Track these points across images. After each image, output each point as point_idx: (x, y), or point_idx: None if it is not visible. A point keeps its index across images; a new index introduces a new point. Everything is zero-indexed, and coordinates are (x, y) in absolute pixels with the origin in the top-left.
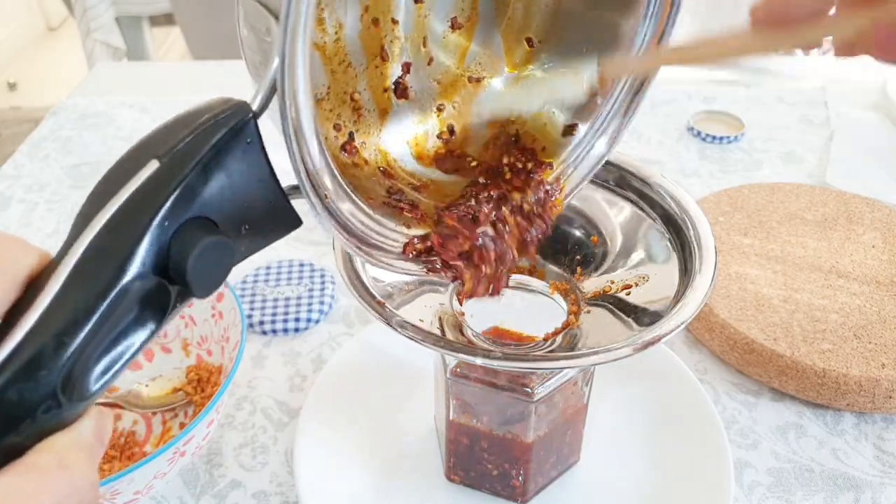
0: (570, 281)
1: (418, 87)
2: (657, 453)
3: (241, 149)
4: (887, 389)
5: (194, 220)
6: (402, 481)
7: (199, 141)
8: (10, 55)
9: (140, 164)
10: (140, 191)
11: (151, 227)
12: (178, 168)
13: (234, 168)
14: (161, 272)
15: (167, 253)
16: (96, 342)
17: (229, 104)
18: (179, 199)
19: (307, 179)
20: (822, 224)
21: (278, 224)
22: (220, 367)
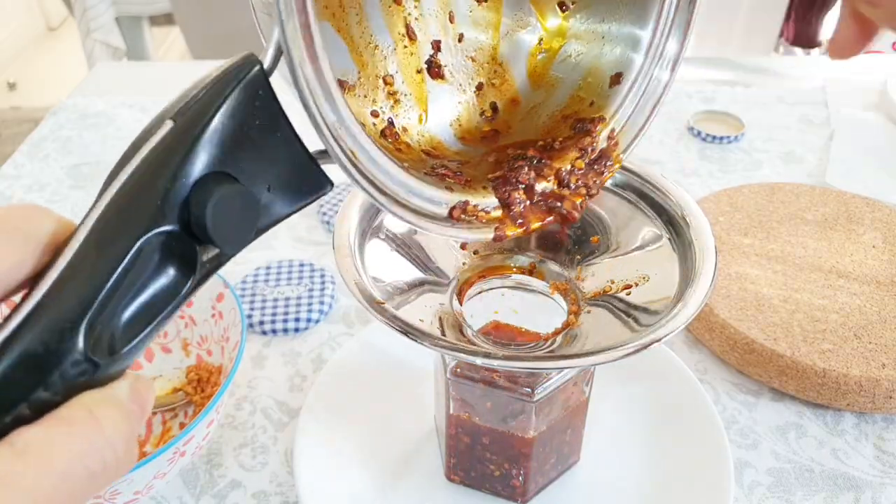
0: (570, 281)
1: (453, 65)
2: (657, 453)
3: (253, 101)
4: (888, 389)
5: (213, 174)
6: (402, 481)
7: (209, 97)
8: (10, 55)
9: (156, 127)
10: (154, 150)
11: (166, 183)
12: (191, 125)
13: (249, 122)
14: (184, 229)
15: (187, 207)
16: (119, 296)
17: (237, 59)
18: (194, 155)
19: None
20: (822, 224)
21: (306, 184)
22: (220, 367)
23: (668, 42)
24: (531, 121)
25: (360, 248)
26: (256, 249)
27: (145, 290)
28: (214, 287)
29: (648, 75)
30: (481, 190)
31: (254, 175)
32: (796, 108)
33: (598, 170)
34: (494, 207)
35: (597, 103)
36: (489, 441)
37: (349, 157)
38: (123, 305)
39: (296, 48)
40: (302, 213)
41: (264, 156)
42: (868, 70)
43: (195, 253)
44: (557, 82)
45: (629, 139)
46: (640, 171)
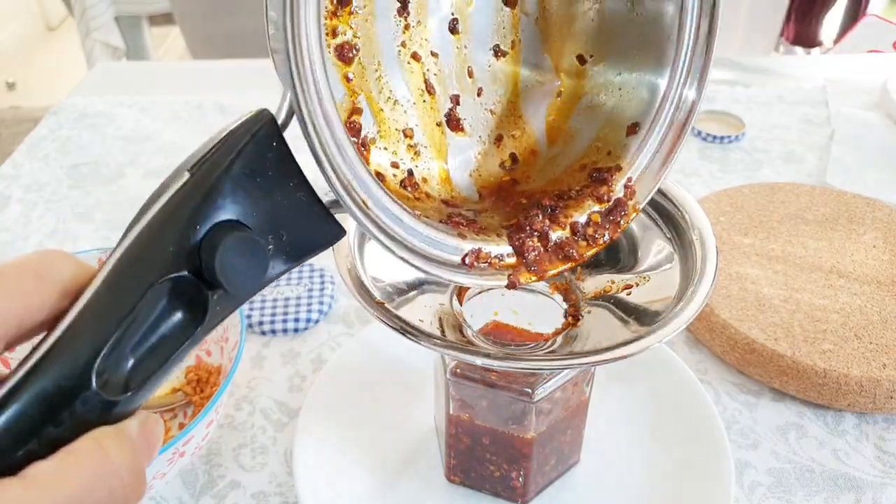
0: (570, 281)
1: (472, 118)
2: (657, 454)
3: (266, 154)
4: (888, 390)
5: (225, 223)
6: (402, 482)
7: (224, 151)
8: (9, 55)
9: (174, 179)
10: (171, 201)
11: (179, 231)
12: (206, 177)
13: (262, 174)
14: (195, 274)
15: (198, 254)
16: (129, 338)
17: (251, 113)
18: (208, 205)
19: (343, 190)
20: (822, 224)
21: (319, 232)
22: (219, 367)
23: (685, 89)
24: (549, 171)
25: (360, 248)
26: None
27: (156, 332)
28: None
29: (666, 122)
30: (495, 237)
31: (266, 224)
32: (797, 108)
33: (614, 220)
34: (508, 254)
35: (614, 153)
36: (489, 441)
37: (361, 207)
38: (134, 347)
39: (307, 107)
40: None
41: (277, 206)
42: (868, 70)
43: (206, 298)
44: (575, 133)
45: (646, 187)
46: None
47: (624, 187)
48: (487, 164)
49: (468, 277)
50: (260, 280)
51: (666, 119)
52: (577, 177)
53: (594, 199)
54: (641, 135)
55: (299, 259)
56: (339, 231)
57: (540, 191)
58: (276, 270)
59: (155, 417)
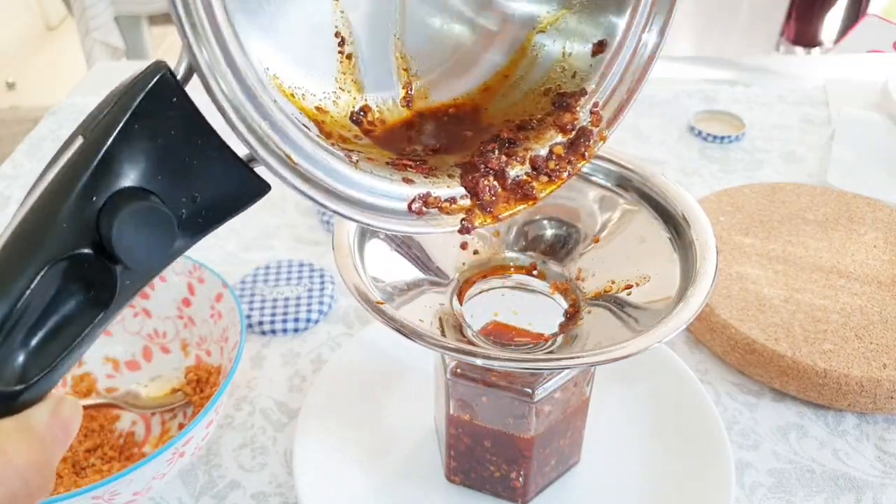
0: (570, 281)
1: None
2: (658, 454)
3: (166, 110)
4: (889, 390)
5: (126, 191)
6: (402, 482)
7: (117, 110)
8: (9, 55)
9: (68, 145)
10: (63, 169)
11: (74, 203)
12: (99, 140)
13: (164, 133)
14: (97, 250)
15: (97, 228)
16: (23, 325)
17: (145, 67)
18: (103, 171)
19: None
20: (823, 224)
21: (240, 190)
22: (219, 367)
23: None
24: (510, 96)
25: (360, 248)
26: (256, 249)
27: (55, 315)
28: (213, 287)
29: (636, 39)
30: (447, 178)
31: (176, 188)
32: (797, 108)
33: (578, 150)
34: (462, 196)
35: (579, 75)
36: (489, 442)
37: (283, 160)
38: (28, 335)
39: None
40: (302, 212)
41: (186, 166)
42: (869, 69)
43: (113, 275)
44: (538, 54)
45: (613, 112)
46: (641, 170)
47: (590, 113)
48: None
49: (417, 226)
50: (168, 250)
51: (635, 37)
52: (540, 103)
53: (557, 129)
54: (609, 54)
55: (220, 221)
56: (263, 186)
57: (500, 121)
58: (193, 235)
59: (71, 401)
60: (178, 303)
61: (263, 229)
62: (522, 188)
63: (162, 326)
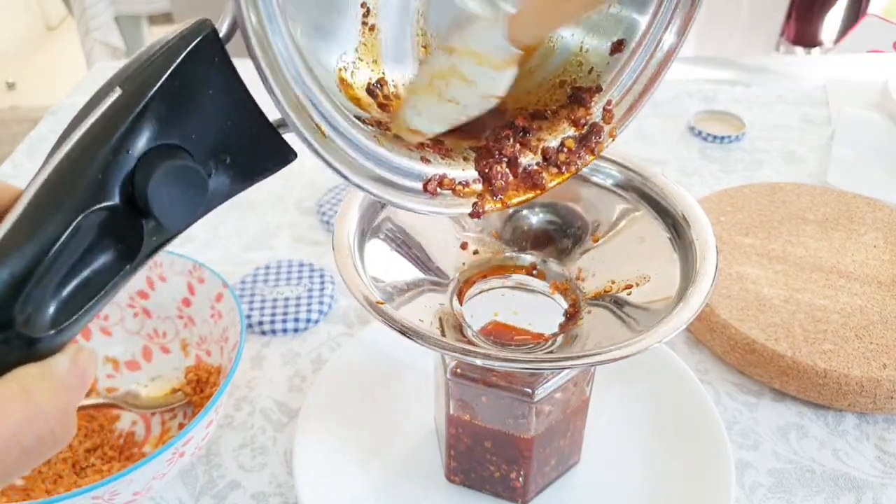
0: (570, 281)
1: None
2: (658, 454)
3: (207, 70)
4: (889, 390)
5: (162, 147)
6: (402, 482)
7: (159, 64)
8: (9, 55)
9: (106, 93)
10: (101, 119)
11: (110, 154)
12: (139, 93)
13: (202, 92)
14: (128, 203)
15: (131, 182)
16: (55, 272)
17: (189, 24)
18: (141, 125)
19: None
20: (823, 224)
21: (267, 155)
22: (219, 367)
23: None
24: (526, 83)
25: (360, 248)
26: (256, 249)
27: (85, 266)
28: (213, 287)
29: (655, 41)
30: (461, 161)
31: (207, 147)
32: (797, 108)
33: (588, 146)
34: (474, 180)
35: (595, 70)
36: (489, 442)
37: (312, 129)
38: (61, 283)
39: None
40: (302, 212)
41: (219, 126)
42: (869, 69)
43: (141, 229)
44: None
45: (625, 111)
46: (642, 170)
47: (603, 110)
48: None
49: (431, 205)
50: (198, 210)
51: (657, 36)
52: (555, 94)
53: (570, 123)
54: (626, 53)
55: (244, 183)
56: (290, 153)
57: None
58: (218, 197)
59: (87, 351)
60: (178, 303)
61: (263, 229)
62: (532, 177)
63: (162, 326)
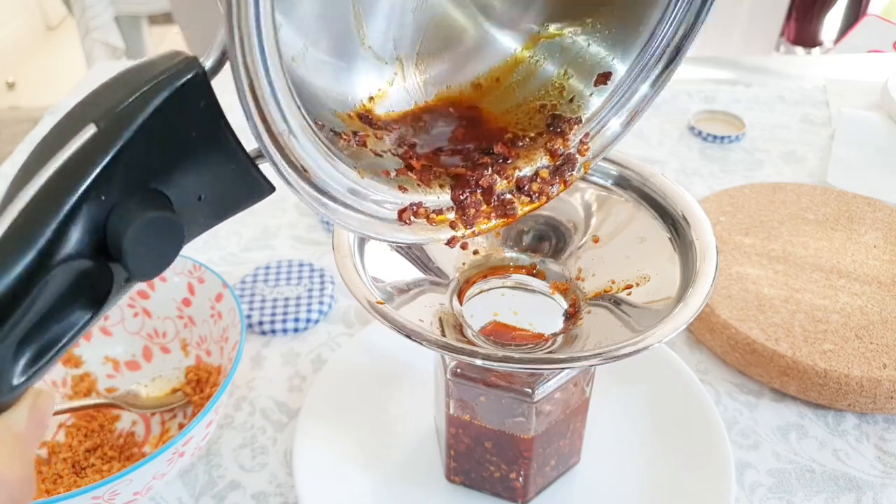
0: (570, 281)
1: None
2: (658, 454)
3: (190, 111)
4: (889, 390)
5: (138, 192)
6: (402, 483)
7: (139, 102)
8: (8, 55)
9: (77, 129)
10: (73, 159)
11: (83, 201)
12: (116, 134)
13: (184, 133)
14: (100, 250)
15: (104, 231)
16: (17, 333)
17: (175, 60)
18: (117, 169)
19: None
20: (823, 224)
21: (246, 191)
22: (219, 367)
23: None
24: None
25: (359, 248)
26: (256, 249)
27: (51, 318)
28: (213, 287)
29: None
30: (437, 189)
31: (184, 187)
32: (797, 108)
33: (561, 176)
34: (448, 208)
35: (576, 101)
36: (489, 442)
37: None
38: (25, 338)
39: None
40: (302, 212)
41: (199, 166)
42: (869, 69)
43: (110, 277)
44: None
45: (599, 147)
46: (641, 170)
47: (579, 142)
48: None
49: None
50: (171, 260)
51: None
52: (534, 118)
53: (546, 152)
54: (610, 88)
55: (219, 219)
56: (267, 187)
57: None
58: (191, 235)
59: (46, 394)
60: (178, 303)
61: (263, 229)
62: (505, 206)
63: (162, 326)
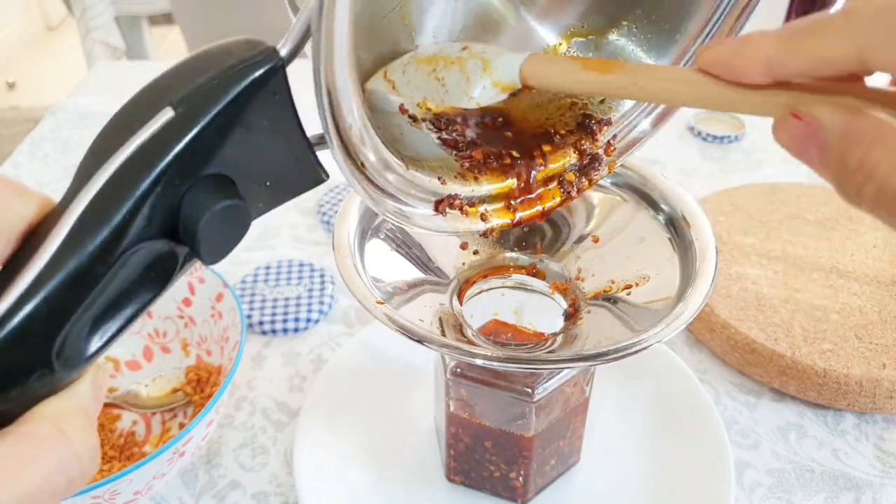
0: (570, 281)
1: None
2: (657, 454)
3: (265, 101)
4: (888, 390)
5: (209, 177)
6: (402, 482)
7: (218, 90)
8: (9, 55)
9: (153, 111)
10: (150, 142)
11: (160, 184)
12: (194, 119)
13: (256, 122)
14: (169, 233)
15: (177, 213)
16: (94, 307)
17: (255, 50)
18: (194, 154)
19: (339, 145)
20: (822, 224)
21: (301, 178)
22: (219, 367)
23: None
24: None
25: (360, 248)
26: (256, 249)
27: (122, 297)
28: (214, 287)
29: None
30: (472, 180)
31: (252, 175)
32: None
33: (587, 175)
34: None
35: (608, 102)
36: (489, 442)
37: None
38: (96, 315)
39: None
40: (302, 212)
41: (267, 155)
42: None
43: (176, 259)
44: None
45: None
46: (641, 170)
47: (607, 143)
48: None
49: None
50: (234, 245)
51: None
52: (565, 115)
53: (575, 150)
54: None
55: (277, 203)
56: (323, 173)
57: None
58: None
59: (102, 368)
60: (178, 303)
61: (264, 229)
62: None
63: (162, 326)
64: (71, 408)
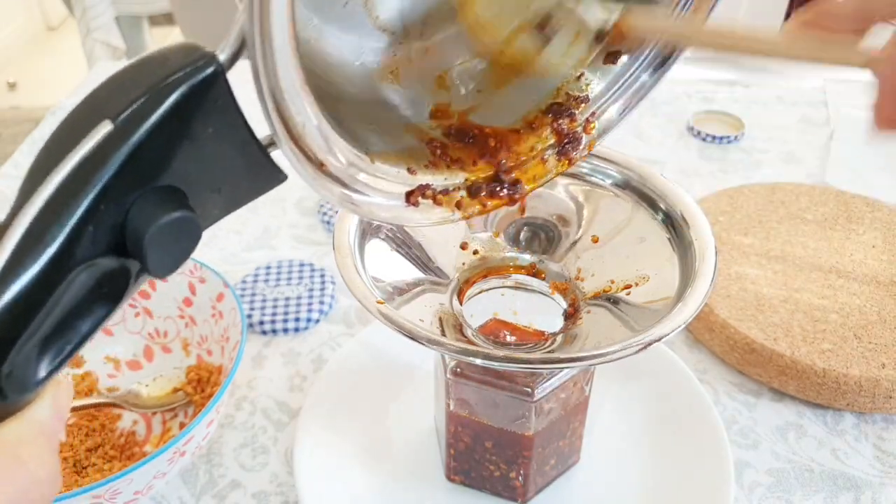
0: (570, 281)
1: None
2: (657, 453)
3: (206, 109)
4: (887, 389)
5: (156, 189)
6: (402, 482)
7: (156, 100)
8: (9, 55)
9: (91, 125)
10: (89, 158)
11: (103, 200)
12: (132, 132)
13: (200, 130)
14: (119, 248)
15: (123, 229)
16: (43, 329)
17: (192, 57)
18: (136, 167)
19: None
20: (822, 224)
21: (257, 181)
22: (220, 366)
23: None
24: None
25: (360, 247)
26: (256, 249)
27: (72, 317)
28: (214, 287)
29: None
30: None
31: (202, 182)
32: (796, 108)
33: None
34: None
35: (584, 78)
36: (489, 441)
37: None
38: (45, 339)
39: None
40: (302, 212)
41: (216, 161)
42: None
43: (128, 274)
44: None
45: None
46: (640, 170)
47: (585, 121)
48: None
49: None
50: (186, 257)
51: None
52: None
53: (553, 132)
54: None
55: (232, 209)
56: (279, 175)
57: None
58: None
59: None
60: (179, 303)
61: (264, 229)
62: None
63: (163, 326)
64: (30, 433)
